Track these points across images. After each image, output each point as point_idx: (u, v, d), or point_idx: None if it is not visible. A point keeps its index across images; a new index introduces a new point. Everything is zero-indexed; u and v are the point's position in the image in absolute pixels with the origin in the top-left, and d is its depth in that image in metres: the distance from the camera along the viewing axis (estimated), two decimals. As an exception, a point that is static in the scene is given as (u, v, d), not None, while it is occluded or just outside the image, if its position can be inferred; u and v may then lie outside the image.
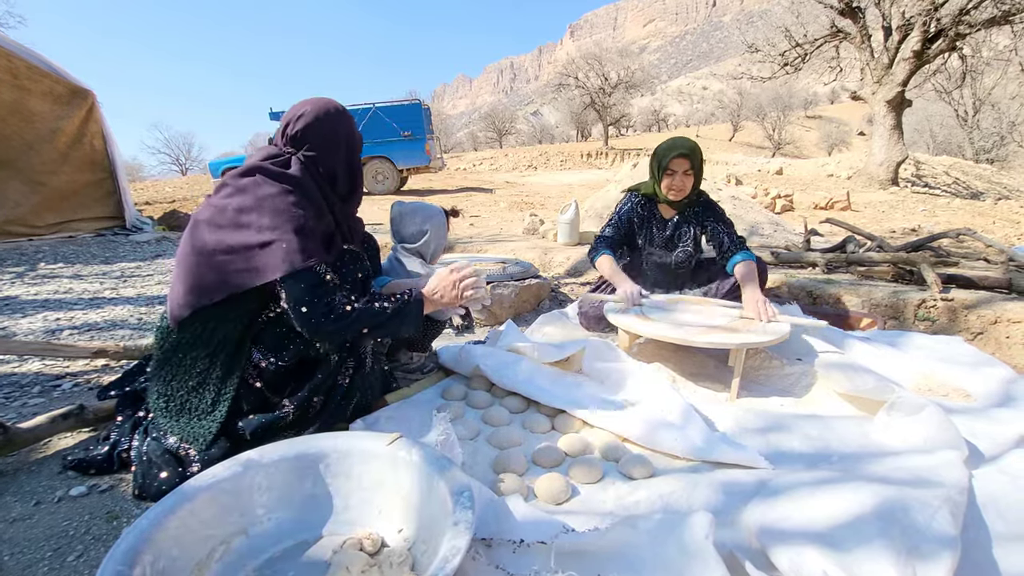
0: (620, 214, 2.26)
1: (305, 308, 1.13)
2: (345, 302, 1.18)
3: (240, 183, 1.19)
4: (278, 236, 1.13)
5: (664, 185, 2.12)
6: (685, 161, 2.06)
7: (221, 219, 1.16)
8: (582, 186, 12.35)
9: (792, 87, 34.27)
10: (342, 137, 1.30)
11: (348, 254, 1.32)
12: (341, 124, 1.30)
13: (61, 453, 1.30)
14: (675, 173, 2.08)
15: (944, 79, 13.35)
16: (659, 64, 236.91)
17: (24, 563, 0.94)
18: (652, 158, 2.17)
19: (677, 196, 2.12)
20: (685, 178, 2.08)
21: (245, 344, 1.21)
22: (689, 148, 2.06)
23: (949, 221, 6.59)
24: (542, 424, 1.44)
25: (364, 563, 0.90)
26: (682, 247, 2.26)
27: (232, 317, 1.19)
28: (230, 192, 1.19)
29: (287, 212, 1.15)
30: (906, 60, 9.96)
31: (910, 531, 0.86)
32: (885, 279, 2.72)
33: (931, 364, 1.79)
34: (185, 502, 0.88)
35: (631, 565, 0.86)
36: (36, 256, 4.15)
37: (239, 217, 1.14)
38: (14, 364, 1.89)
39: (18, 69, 4.63)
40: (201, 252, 1.16)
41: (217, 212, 1.17)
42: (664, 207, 2.23)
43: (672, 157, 2.05)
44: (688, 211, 2.23)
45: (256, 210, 1.14)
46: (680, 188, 2.10)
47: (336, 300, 1.17)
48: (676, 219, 2.23)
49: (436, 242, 1.92)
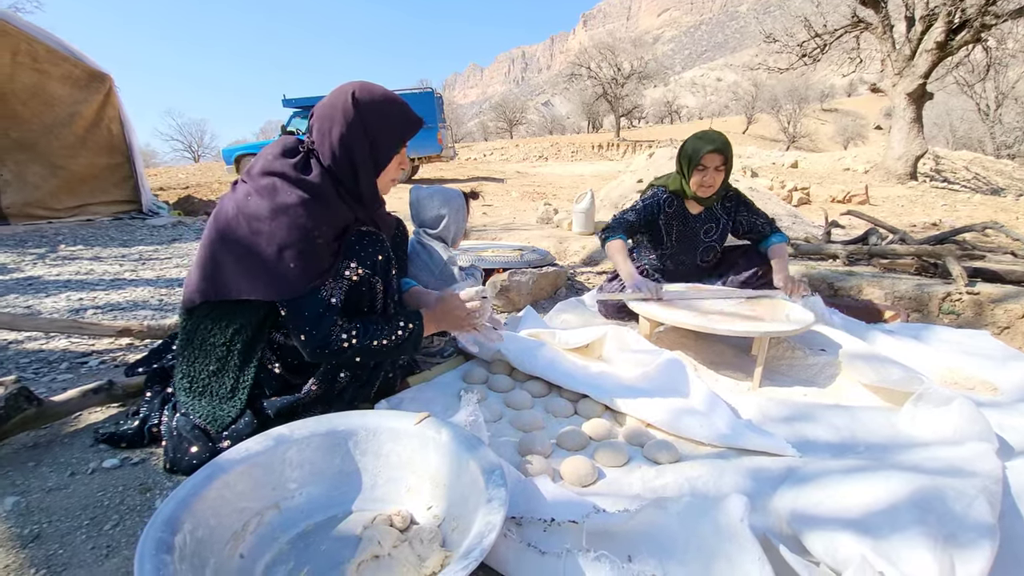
0: (647, 204, 2.19)
1: (303, 336, 1.12)
2: (344, 337, 1.14)
3: (259, 184, 1.14)
4: (286, 256, 1.08)
5: (694, 181, 2.05)
6: (718, 156, 1.99)
7: (236, 221, 1.12)
8: (594, 177, 12.27)
9: (809, 79, 33.62)
10: (367, 139, 1.17)
11: (368, 236, 1.25)
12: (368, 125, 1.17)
13: (92, 427, 1.32)
14: (707, 169, 2.01)
15: (967, 71, 13.05)
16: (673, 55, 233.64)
17: (63, 531, 0.96)
18: (680, 153, 2.09)
19: (707, 192, 2.06)
20: (716, 174, 2.02)
21: (262, 331, 1.20)
22: (722, 143, 1.99)
23: (970, 216, 6.46)
24: (565, 408, 1.44)
25: (395, 539, 0.91)
26: (708, 243, 2.22)
27: (247, 307, 1.17)
28: (247, 192, 1.14)
29: (299, 229, 1.09)
30: (929, 52, 9.72)
31: (947, 519, 0.85)
32: (908, 272, 2.68)
33: (957, 358, 1.76)
34: (221, 474, 0.89)
35: (662, 546, 0.86)
36: (56, 238, 4.21)
37: (253, 224, 1.10)
38: (41, 341, 1.92)
39: (38, 53, 4.66)
40: (215, 248, 1.14)
41: (234, 212, 1.13)
42: (691, 203, 2.17)
43: (705, 153, 1.98)
44: (717, 206, 2.18)
45: (270, 219, 1.09)
46: (711, 184, 2.04)
47: (335, 334, 1.14)
48: (703, 215, 2.18)
49: (455, 225, 1.92)
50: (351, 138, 1.15)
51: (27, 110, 4.68)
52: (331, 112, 1.16)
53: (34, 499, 1.04)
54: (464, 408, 1.14)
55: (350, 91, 1.16)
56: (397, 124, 1.21)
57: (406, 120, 1.22)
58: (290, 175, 1.14)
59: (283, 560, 0.89)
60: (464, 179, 11.68)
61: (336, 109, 1.16)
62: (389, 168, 1.24)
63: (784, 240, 2.14)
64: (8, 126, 4.59)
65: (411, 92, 10.88)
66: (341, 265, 1.19)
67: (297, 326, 1.12)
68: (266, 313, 1.19)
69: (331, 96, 1.19)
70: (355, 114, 1.15)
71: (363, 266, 1.21)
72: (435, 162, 12.01)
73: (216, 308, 1.18)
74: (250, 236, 1.10)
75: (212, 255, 1.15)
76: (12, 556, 0.90)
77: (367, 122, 1.16)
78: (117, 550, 0.92)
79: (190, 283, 1.19)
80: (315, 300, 1.13)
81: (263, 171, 1.16)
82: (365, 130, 1.16)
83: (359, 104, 1.15)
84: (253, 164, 1.20)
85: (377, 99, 1.17)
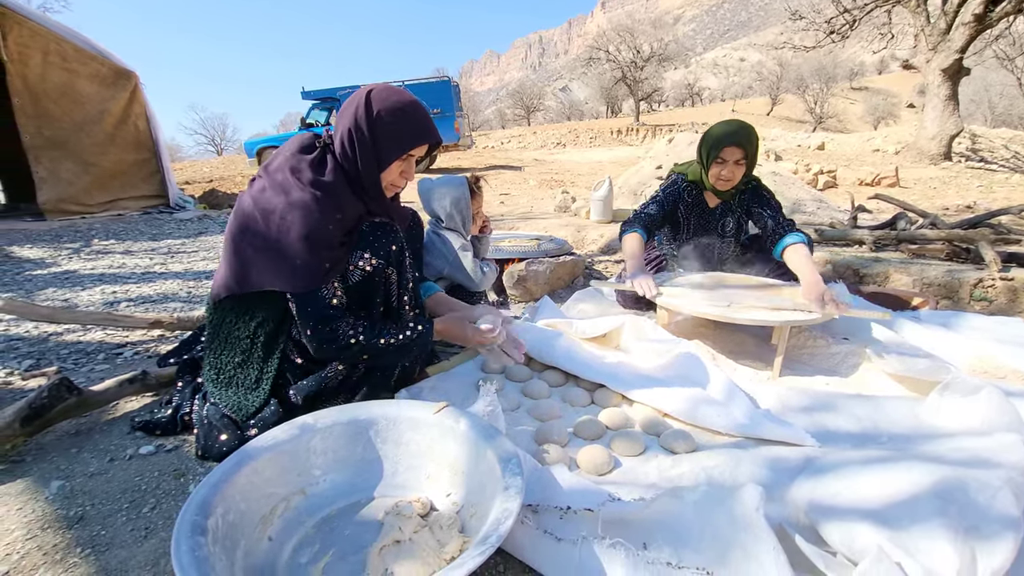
0: (667, 194, 2.13)
1: (310, 331, 1.15)
2: (351, 333, 1.17)
3: (274, 180, 1.18)
4: (297, 250, 1.12)
5: (712, 174, 1.98)
6: (738, 150, 1.89)
7: (252, 216, 1.16)
8: (613, 163, 12.11)
9: (837, 57, 32.46)
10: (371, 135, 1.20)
11: (381, 227, 1.27)
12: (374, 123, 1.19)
13: (128, 415, 1.38)
14: (725, 163, 1.93)
15: (1007, 44, 12.40)
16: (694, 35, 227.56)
17: (104, 513, 1.02)
18: (702, 142, 2.00)
19: (725, 187, 1.98)
20: (736, 168, 1.93)
21: (284, 324, 1.24)
22: (745, 136, 1.89)
23: (1008, 198, 6.20)
24: (582, 398, 1.45)
25: (415, 524, 0.94)
26: (724, 238, 2.16)
27: (269, 300, 1.20)
28: (262, 187, 1.19)
29: (310, 224, 1.12)
30: (966, 24, 9.26)
31: (969, 510, 0.84)
32: (938, 258, 2.60)
33: (987, 345, 1.71)
34: (250, 460, 0.93)
35: (677, 535, 0.87)
36: (89, 233, 4.36)
37: (268, 218, 1.14)
38: (79, 333, 2.01)
39: (67, 52, 4.80)
40: (236, 243, 1.19)
41: (250, 207, 1.17)
42: (709, 195, 2.10)
43: (725, 146, 1.89)
44: (734, 200, 2.09)
45: (283, 214, 1.13)
46: (729, 179, 1.95)
47: (341, 329, 1.16)
48: (720, 209, 2.12)
49: (461, 214, 1.92)
50: (357, 131, 1.20)
51: (58, 108, 4.84)
52: (347, 106, 1.23)
53: (77, 483, 1.11)
54: (482, 398, 1.15)
55: (368, 90, 1.22)
56: (403, 131, 1.22)
57: (412, 131, 1.23)
58: (303, 171, 1.18)
59: (309, 543, 0.92)
60: (481, 168, 11.66)
61: (352, 104, 1.22)
62: (390, 170, 1.25)
63: (801, 240, 1.87)
64: (41, 124, 4.76)
65: (427, 82, 10.87)
66: (355, 256, 1.21)
67: (303, 320, 1.16)
68: (286, 306, 1.22)
69: (351, 97, 1.24)
70: (365, 110, 1.19)
71: (376, 256, 1.24)
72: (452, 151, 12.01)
73: (240, 302, 1.22)
74: (265, 230, 1.15)
75: (233, 250, 1.20)
76: (60, 536, 0.96)
77: (373, 119, 1.19)
78: (155, 531, 0.97)
79: (217, 278, 1.24)
80: (322, 295, 1.16)
81: (278, 167, 1.20)
82: (370, 126, 1.19)
83: (371, 102, 1.20)
84: (271, 160, 1.24)
85: (390, 102, 1.21)
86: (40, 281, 2.87)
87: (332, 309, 1.17)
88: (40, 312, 1.88)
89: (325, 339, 1.16)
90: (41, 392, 1.24)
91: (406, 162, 1.27)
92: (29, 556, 0.91)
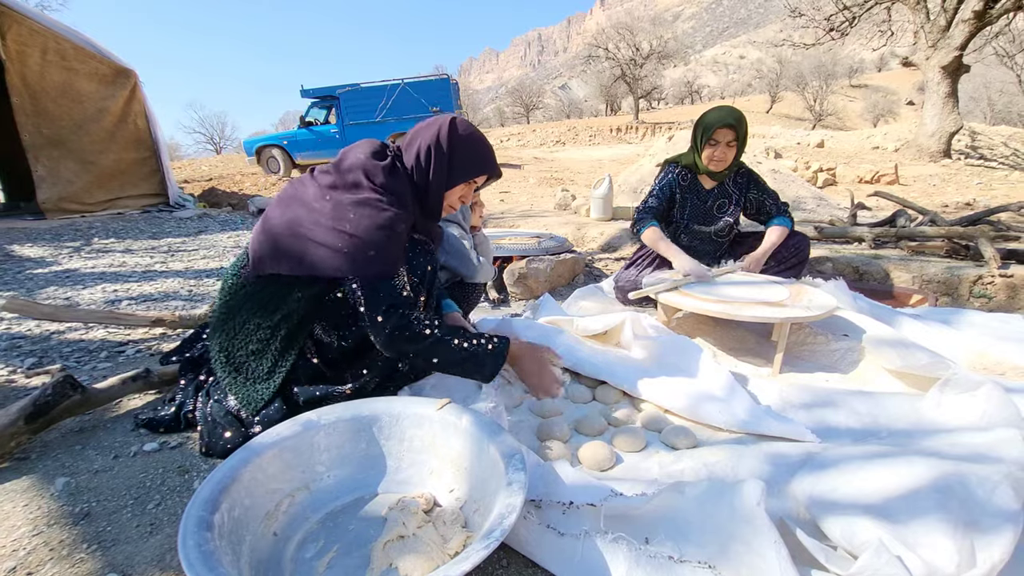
0: (661, 185, 2.25)
1: (381, 317, 1.14)
2: (427, 323, 1.17)
3: (347, 179, 1.21)
4: (372, 242, 1.14)
5: (705, 155, 2.09)
6: (730, 132, 2.02)
7: (321, 206, 1.17)
8: (612, 161, 12.11)
9: (836, 54, 32.41)
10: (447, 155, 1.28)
11: (419, 245, 1.32)
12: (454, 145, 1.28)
13: (132, 413, 1.39)
14: (718, 144, 2.05)
15: (1007, 41, 12.38)
16: (694, 32, 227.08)
17: (110, 509, 1.03)
18: (696, 126, 2.13)
19: (718, 167, 2.10)
20: (728, 149, 2.05)
21: (307, 322, 1.24)
22: (735, 118, 2.02)
23: (1007, 195, 6.20)
24: (583, 394, 1.45)
25: (419, 520, 0.94)
26: (722, 218, 2.23)
27: (297, 295, 1.20)
28: (332, 182, 1.21)
29: (382, 218, 1.15)
30: (966, 22, 9.25)
31: (968, 504, 0.85)
32: (938, 255, 2.61)
33: (987, 342, 1.72)
34: (254, 457, 0.93)
35: (679, 529, 0.87)
36: (90, 232, 4.36)
37: (341, 210, 1.16)
38: (81, 331, 2.01)
39: (66, 51, 4.79)
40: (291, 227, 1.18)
41: (318, 196, 1.19)
42: (704, 178, 2.21)
43: (718, 127, 2.01)
44: (729, 182, 2.20)
45: (358, 208, 1.16)
46: (722, 159, 2.07)
47: (415, 316, 1.17)
48: (716, 190, 2.21)
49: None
50: (437, 147, 1.27)
51: (57, 107, 4.83)
52: (428, 126, 1.30)
53: (82, 480, 1.11)
54: (485, 394, 1.16)
55: (452, 117, 1.32)
56: (478, 157, 1.33)
57: (485, 159, 1.34)
58: (376, 175, 1.21)
59: (313, 539, 0.93)
60: (481, 166, 11.63)
61: (434, 125, 1.30)
62: (455, 190, 1.32)
63: (787, 224, 2.13)
64: (40, 123, 4.75)
65: (427, 79, 10.84)
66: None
67: (374, 307, 1.14)
68: (315, 306, 1.23)
69: (432, 119, 1.33)
70: (449, 130, 1.28)
71: (414, 274, 1.27)
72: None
73: (265, 291, 1.21)
74: (334, 220, 1.15)
75: (288, 233, 1.18)
76: (66, 532, 0.96)
77: (454, 141, 1.28)
78: (160, 527, 0.98)
79: (261, 251, 1.21)
80: (394, 284, 1.17)
81: (351, 167, 1.23)
82: (451, 145, 1.28)
83: (454, 128, 1.29)
84: (341, 159, 1.26)
85: (471, 130, 1.32)
86: (41, 280, 2.88)
87: (405, 296, 1.18)
88: (42, 310, 1.88)
89: (398, 325, 1.14)
90: (45, 390, 1.24)
91: (468, 187, 1.35)
92: (36, 552, 0.92)
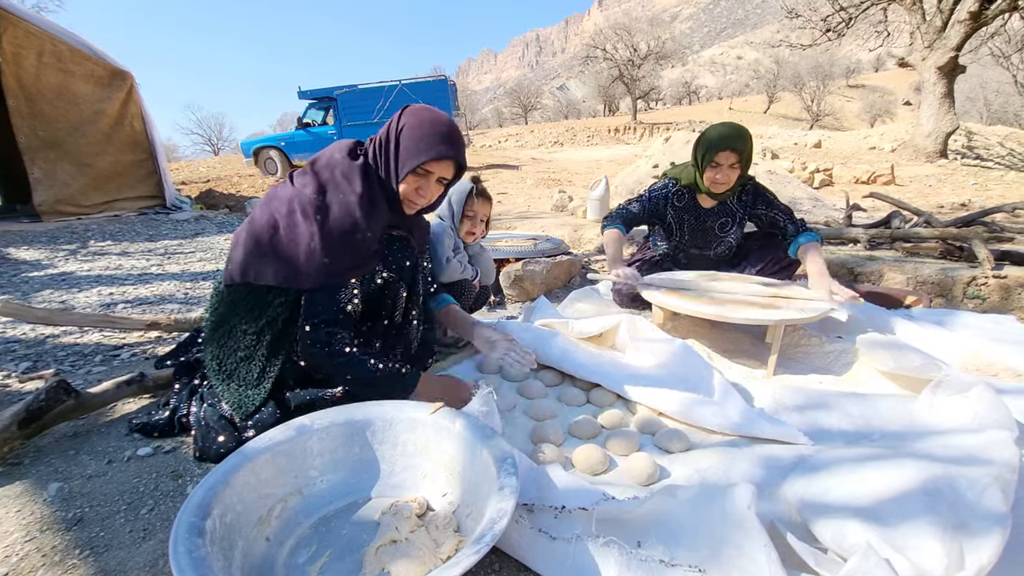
0: (653, 196, 2.17)
1: (309, 327, 1.17)
2: (348, 342, 1.18)
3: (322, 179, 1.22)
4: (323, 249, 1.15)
5: (707, 177, 2.00)
6: (733, 155, 1.92)
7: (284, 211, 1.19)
8: (610, 162, 12.12)
9: (833, 55, 32.48)
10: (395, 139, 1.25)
11: (398, 241, 1.33)
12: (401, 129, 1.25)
13: (126, 417, 1.39)
14: (720, 167, 1.95)
15: (1003, 42, 12.41)
16: (691, 33, 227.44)
17: (103, 515, 1.03)
18: (697, 144, 2.02)
19: (719, 189, 2.01)
20: (730, 171, 1.96)
21: (291, 326, 1.24)
22: (739, 140, 1.92)
23: (1003, 195, 6.22)
24: (577, 397, 1.46)
25: (412, 524, 0.94)
26: (723, 240, 2.17)
27: (279, 300, 1.21)
28: (304, 184, 1.22)
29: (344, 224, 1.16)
30: (961, 22, 9.28)
31: (958, 507, 0.85)
32: (932, 256, 2.62)
33: (980, 343, 1.73)
34: (247, 462, 0.93)
35: (671, 533, 0.88)
36: (86, 234, 4.35)
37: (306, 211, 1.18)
38: (76, 335, 2.01)
39: (62, 53, 4.78)
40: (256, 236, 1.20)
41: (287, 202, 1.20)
42: (703, 197, 2.12)
43: (719, 150, 1.92)
44: (732, 199, 2.11)
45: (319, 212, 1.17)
46: (724, 182, 1.98)
47: (339, 335, 1.18)
48: (716, 209, 2.13)
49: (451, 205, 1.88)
50: (385, 140, 1.26)
51: (53, 109, 4.82)
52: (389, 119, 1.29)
53: (75, 485, 1.11)
54: (478, 398, 1.16)
55: (407, 106, 1.29)
56: (420, 145, 1.23)
57: (427, 146, 1.22)
58: (349, 174, 1.22)
59: (306, 544, 0.93)
60: (479, 166, 11.65)
61: (392, 117, 1.29)
62: (407, 182, 1.26)
63: (814, 239, 2.00)
64: (36, 125, 4.74)
65: (425, 80, 10.85)
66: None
67: (309, 316, 1.17)
68: (295, 310, 1.23)
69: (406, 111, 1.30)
70: (396, 121, 1.26)
71: (389, 270, 1.28)
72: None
73: (249, 297, 1.22)
74: (293, 227, 1.17)
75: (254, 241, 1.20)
76: (59, 538, 0.96)
77: (398, 130, 1.25)
78: (153, 533, 0.98)
79: (234, 260, 1.24)
80: (338, 298, 1.18)
81: (325, 166, 1.23)
82: (397, 136, 1.25)
83: (402, 115, 1.27)
84: (316, 159, 1.27)
85: (418, 117, 1.25)
86: (37, 283, 2.87)
87: (342, 315, 1.19)
88: (37, 314, 1.88)
89: (320, 339, 1.17)
90: (39, 394, 1.24)
91: (423, 179, 1.27)
92: (28, 558, 0.91)
